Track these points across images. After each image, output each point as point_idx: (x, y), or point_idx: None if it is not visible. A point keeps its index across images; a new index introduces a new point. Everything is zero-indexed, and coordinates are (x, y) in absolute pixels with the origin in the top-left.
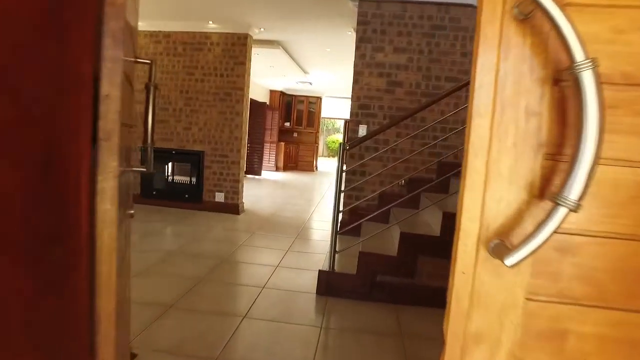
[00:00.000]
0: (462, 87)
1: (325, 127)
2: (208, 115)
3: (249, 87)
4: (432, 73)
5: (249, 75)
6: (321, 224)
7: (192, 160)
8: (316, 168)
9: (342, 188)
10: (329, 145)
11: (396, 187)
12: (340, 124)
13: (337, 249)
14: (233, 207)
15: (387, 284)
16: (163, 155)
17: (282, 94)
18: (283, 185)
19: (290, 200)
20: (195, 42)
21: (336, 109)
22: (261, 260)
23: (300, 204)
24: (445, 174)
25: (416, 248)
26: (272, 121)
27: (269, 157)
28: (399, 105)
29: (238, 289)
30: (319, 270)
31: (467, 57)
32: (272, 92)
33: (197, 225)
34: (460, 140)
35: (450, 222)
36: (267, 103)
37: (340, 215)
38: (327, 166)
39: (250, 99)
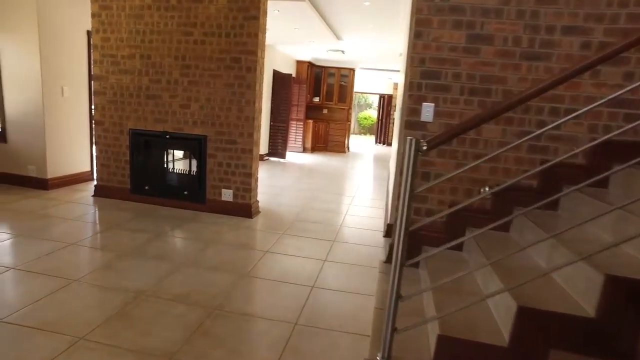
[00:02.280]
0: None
1: (357, 102)
2: (211, 89)
3: (264, 50)
4: (541, 21)
5: (263, 34)
6: (359, 233)
7: (192, 148)
8: (348, 149)
9: (408, 224)
10: (361, 122)
11: (476, 196)
12: (373, 99)
13: (395, 324)
14: (244, 209)
15: None
16: (155, 141)
17: (311, 65)
18: (310, 171)
19: (319, 194)
20: None
21: (370, 82)
22: (271, 309)
23: (331, 200)
24: (554, 181)
25: (548, 337)
26: (299, 96)
27: (295, 137)
28: (485, 73)
29: None
30: None
31: None
32: (298, 62)
33: (192, 239)
34: (583, 130)
35: (626, 291)
36: (294, 75)
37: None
38: (359, 145)
39: (274, 70)
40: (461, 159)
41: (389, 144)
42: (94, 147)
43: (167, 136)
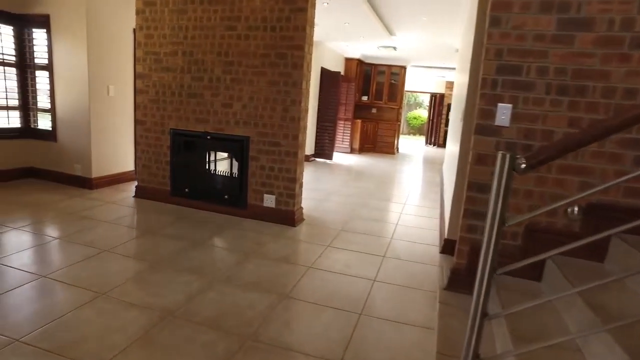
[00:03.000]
0: None
1: (407, 102)
2: (254, 87)
3: (312, 45)
4: None
5: (311, 27)
6: (412, 248)
7: (234, 149)
8: (397, 150)
9: (495, 268)
10: (410, 121)
11: (561, 216)
12: (424, 98)
13: None
14: (287, 216)
15: None
16: (196, 142)
17: (360, 62)
18: (357, 173)
19: (367, 200)
20: None
21: (421, 80)
22: (313, 340)
23: (380, 207)
24: None
25: None
26: (348, 95)
27: (343, 137)
28: (580, 66)
29: None
30: None
31: None
32: (347, 60)
33: (230, 249)
34: None
35: None
36: (342, 73)
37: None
38: (408, 146)
39: (321, 67)
40: (545, 172)
41: (440, 145)
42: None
43: (208, 137)
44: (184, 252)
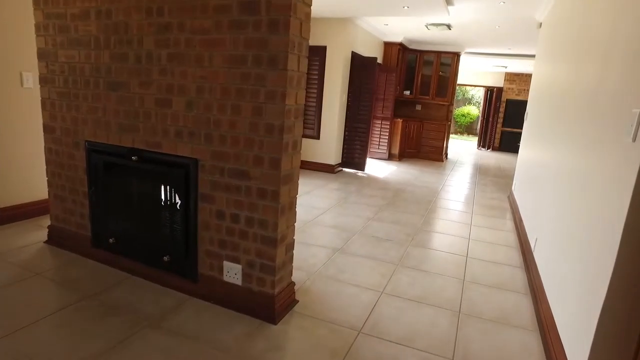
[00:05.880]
0: None
1: (455, 97)
2: (205, 68)
3: None
4: None
5: None
6: None
7: (174, 180)
8: (446, 156)
9: None
10: (458, 119)
11: None
12: (475, 93)
13: None
14: (262, 304)
15: None
16: (119, 164)
17: (402, 47)
18: (396, 194)
19: (409, 250)
20: None
21: (474, 71)
22: None
23: (430, 266)
24: None
25: None
26: (387, 88)
27: (380, 140)
28: None
29: None
30: None
31: None
32: (387, 45)
33: None
34: None
35: None
36: (380, 62)
37: None
38: (456, 149)
39: (352, 52)
40: None
41: (495, 149)
42: None
43: (133, 157)
44: None
